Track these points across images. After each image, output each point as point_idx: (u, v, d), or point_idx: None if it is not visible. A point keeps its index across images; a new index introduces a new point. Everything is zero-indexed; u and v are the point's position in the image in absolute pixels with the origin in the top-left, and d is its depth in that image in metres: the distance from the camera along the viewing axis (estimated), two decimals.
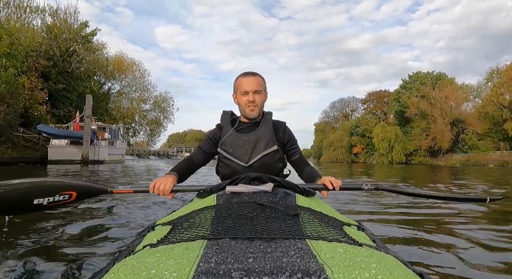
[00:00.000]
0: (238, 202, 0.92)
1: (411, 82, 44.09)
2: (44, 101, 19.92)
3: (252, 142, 1.38)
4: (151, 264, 0.54)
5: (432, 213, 2.89)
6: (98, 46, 28.73)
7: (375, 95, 52.40)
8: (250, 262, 0.53)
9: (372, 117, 50.29)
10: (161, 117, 36.24)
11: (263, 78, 1.44)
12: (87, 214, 2.51)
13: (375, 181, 6.66)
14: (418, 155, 39.45)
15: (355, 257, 0.56)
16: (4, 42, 13.18)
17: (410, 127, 41.33)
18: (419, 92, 40.85)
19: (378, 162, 39.57)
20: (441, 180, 8.16)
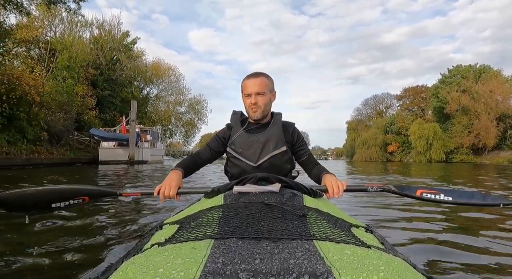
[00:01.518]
0: (245, 202, 0.92)
1: (451, 77, 41.70)
2: (93, 107, 21.85)
3: (261, 142, 1.39)
4: (159, 263, 0.54)
5: (444, 213, 2.87)
6: (138, 53, 30.76)
7: (412, 91, 50.23)
8: (257, 263, 0.53)
9: (409, 114, 48.30)
10: (195, 119, 37.84)
11: (269, 78, 1.43)
12: (97, 213, 2.57)
13: (387, 182, 6.77)
14: (460, 153, 37.30)
15: (363, 259, 0.56)
16: (64, 56, 14.81)
17: (451, 124, 39.16)
18: (460, 86, 38.57)
19: (416, 161, 38.01)
20: (482, 179, 8.02)
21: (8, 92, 10.66)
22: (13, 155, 10.64)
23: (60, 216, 2.39)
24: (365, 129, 54.45)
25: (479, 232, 2.17)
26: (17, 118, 11.58)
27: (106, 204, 2.99)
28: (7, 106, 10.83)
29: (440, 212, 2.97)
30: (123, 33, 28.62)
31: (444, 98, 39.40)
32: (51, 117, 14.87)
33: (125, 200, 3.06)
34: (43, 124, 13.17)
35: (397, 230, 2.22)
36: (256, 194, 0.99)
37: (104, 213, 2.59)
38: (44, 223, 2.19)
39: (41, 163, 11.74)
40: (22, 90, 10.98)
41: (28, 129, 12.24)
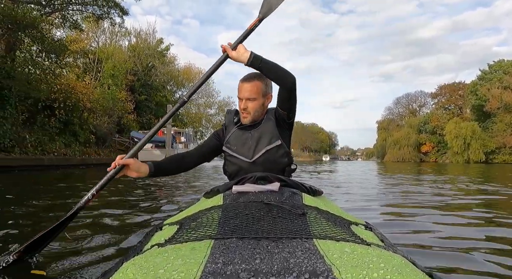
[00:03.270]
0: (244, 201, 0.92)
1: (492, 72, 39.30)
2: (132, 111, 23.38)
3: (255, 138, 1.38)
4: (159, 264, 0.54)
5: (445, 210, 2.84)
6: (170, 59, 32.38)
7: (448, 88, 47.93)
8: (257, 263, 0.53)
9: (444, 113, 46.19)
10: None
11: (264, 82, 1.40)
12: (95, 213, 2.54)
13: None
14: (502, 153, 35.11)
15: (363, 257, 0.55)
16: (109, 65, 16.22)
17: (491, 122, 36.97)
18: (501, 82, 36.30)
19: (452, 161, 36.30)
20: None
21: (65, 100, 11.98)
22: (70, 156, 11.93)
23: (57, 217, 2.38)
24: (397, 129, 52.73)
25: (480, 228, 2.17)
26: (71, 123, 12.95)
27: (104, 202, 2.97)
28: (64, 112, 12.16)
29: (440, 208, 2.99)
30: (158, 40, 30.28)
31: (483, 96, 37.26)
32: (97, 121, 16.32)
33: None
34: (92, 128, 14.52)
35: (397, 227, 2.21)
36: (256, 193, 1.00)
37: (103, 214, 2.55)
38: (36, 224, 2.17)
39: (92, 163, 13.01)
40: (76, 98, 12.27)
41: (80, 133, 13.60)
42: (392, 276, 0.49)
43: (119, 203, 3.23)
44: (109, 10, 13.04)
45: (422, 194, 4.27)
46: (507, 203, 3.51)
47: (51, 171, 9.44)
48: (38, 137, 10.86)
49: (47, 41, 9.34)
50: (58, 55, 10.51)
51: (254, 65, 1.27)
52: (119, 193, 3.99)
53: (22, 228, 2.14)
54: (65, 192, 4.49)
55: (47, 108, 11.79)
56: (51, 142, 11.47)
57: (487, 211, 2.91)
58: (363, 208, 3.10)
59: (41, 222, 2.29)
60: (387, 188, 5.34)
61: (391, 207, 3.28)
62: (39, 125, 11.41)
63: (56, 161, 10.81)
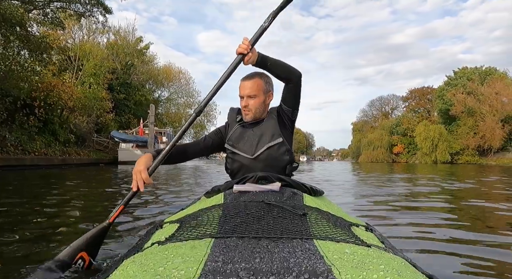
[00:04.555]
0: (245, 201, 0.92)
1: (457, 79, 42.14)
2: (110, 110, 22.90)
3: (257, 135, 1.38)
4: (159, 262, 0.54)
5: (446, 211, 2.87)
6: (150, 58, 31.95)
7: (418, 92, 50.59)
8: (257, 262, 0.53)
9: (414, 116, 48.72)
10: (205, 120, 38.85)
11: (265, 79, 1.41)
12: (97, 212, 2.52)
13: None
14: (466, 154, 37.73)
15: (363, 258, 0.56)
16: (90, 63, 15.91)
17: (456, 125, 39.62)
18: (465, 88, 39.03)
19: (421, 162, 38.48)
20: (487, 180, 8.72)
21: (45, 99, 11.71)
22: (50, 156, 11.67)
23: (61, 216, 2.40)
24: (371, 131, 54.93)
25: (482, 230, 2.16)
26: (51, 122, 12.64)
27: (105, 203, 2.92)
28: (43, 111, 11.87)
29: (442, 210, 3.01)
30: (137, 39, 29.78)
31: (449, 100, 39.88)
32: (75, 120, 15.95)
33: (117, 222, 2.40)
34: (73, 127, 14.22)
35: (397, 228, 2.21)
36: (256, 193, 1.00)
37: (104, 212, 2.53)
38: (46, 224, 2.15)
39: (73, 163, 12.76)
40: (57, 96, 12.02)
41: (60, 132, 13.30)
42: (392, 277, 0.49)
43: (118, 202, 3.29)
44: (92, 8, 12.87)
45: (405, 194, 4.55)
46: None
47: (37, 170, 9.27)
48: (18, 136, 10.58)
49: (33, 39, 9.16)
50: (42, 53, 10.29)
51: (262, 66, 1.30)
52: (116, 191, 4.13)
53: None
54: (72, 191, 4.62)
55: (26, 107, 11.48)
56: (31, 141, 11.18)
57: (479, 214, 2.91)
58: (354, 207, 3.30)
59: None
60: (372, 188, 5.74)
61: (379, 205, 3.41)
62: (17, 124, 11.08)
63: (37, 160, 10.58)
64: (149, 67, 31.39)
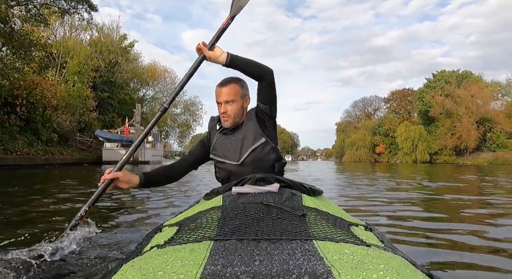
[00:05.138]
0: (244, 202, 0.92)
1: (435, 81, 43.81)
2: (94, 108, 22.43)
3: (239, 140, 1.38)
4: (158, 266, 0.55)
5: (445, 210, 2.89)
6: (135, 56, 31.42)
7: (399, 94, 52.11)
8: (257, 265, 0.54)
9: (395, 117, 50.20)
10: (190, 120, 38.67)
11: (241, 84, 1.41)
12: (95, 216, 2.45)
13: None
14: (444, 154, 39.29)
15: (363, 258, 0.56)
16: (74, 61, 15.56)
17: (435, 126, 41.16)
18: (443, 91, 40.65)
19: (402, 161, 39.76)
20: (462, 178, 9.23)
21: (27, 97, 11.40)
22: (33, 155, 11.38)
23: (59, 220, 2.37)
24: (354, 131, 56.13)
25: (481, 230, 2.18)
26: (33, 121, 12.31)
27: (104, 207, 2.96)
28: (25, 110, 11.56)
29: (441, 209, 3.02)
30: (121, 36, 29.23)
31: (428, 102, 41.41)
32: (57, 119, 15.55)
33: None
34: (56, 126, 13.89)
35: (397, 227, 2.21)
36: (255, 194, 1.00)
37: (103, 216, 2.53)
38: (43, 228, 2.10)
39: (56, 163, 12.48)
40: (40, 95, 11.73)
41: (42, 131, 12.97)
42: (391, 276, 0.49)
43: (117, 206, 3.23)
44: (77, 5, 12.63)
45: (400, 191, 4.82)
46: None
47: (20, 170, 9.04)
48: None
49: (16, 36, 8.90)
50: (26, 51, 10.02)
51: (232, 66, 1.32)
52: (115, 196, 4.02)
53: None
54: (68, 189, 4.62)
55: (7, 105, 11.15)
56: (12, 141, 10.87)
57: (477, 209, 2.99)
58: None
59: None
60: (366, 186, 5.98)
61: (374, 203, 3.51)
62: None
63: (20, 160, 10.30)
64: (134, 66, 30.89)
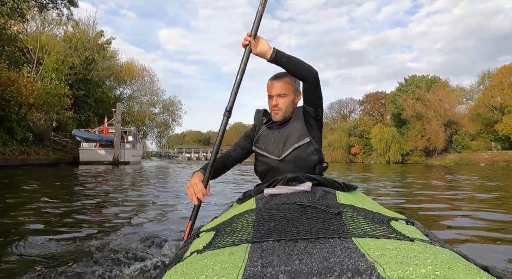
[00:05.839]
0: (277, 204, 0.92)
1: (407, 85, 46.10)
2: (69, 107, 21.54)
3: (283, 136, 1.38)
4: (200, 270, 0.56)
5: (493, 204, 2.75)
6: (112, 53, 30.45)
7: (373, 97, 54.11)
8: (297, 264, 0.53)
9: (370, 119, 52.13)
10: (170, 120, 38.04)
11: (293, 78, 1.42)
12: (134, 225, 2.49)
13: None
14: (414, 155, 41.40)
15: (407, 253, 0.53)
16: (51, 58, 14.91)
17: (406, 128, 43.27)
18: (414, 94, 42.88)
19: (376, 162, 41.41)
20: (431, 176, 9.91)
21: (1, 94, 10.84)
22: (8, 156, 10.83)
23: (91, 224, 2.45)
24: (331, 132, 57.57)
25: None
26: (7, 119, 11.71)
27: (142, 217, 2.95)
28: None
29: (489, 201, 2.89)
30: (97, 33, 28.26)
31: (401, 105, 43.49)
32: (32, 117, 14.84)
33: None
34: (32, 125, 13.28)
35: (442, 222, 2.05)
36: (288, 194, 1.00)
37: (142, 225, 2.56)
38: (83, 238, 2.12)
39: (33, 164, 11.94)
40: (17, 92, 11.19)
41: (17, 130, 12.36)
42: (442, 271, 0.47)
43: (153, 212, 3.20)
44: (56, 0, 12.19)
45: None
46: None
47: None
48: None
49: None
50: (4, 46, 9.53)
51: (276, 62, 1.29)
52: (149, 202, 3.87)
53: None
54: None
55: None
56: None
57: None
58: None
59: None
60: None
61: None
62: None
63: None
64: (111, 63, 29.93)
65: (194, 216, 1.24)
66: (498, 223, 2.45)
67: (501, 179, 9.01)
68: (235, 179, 7.39)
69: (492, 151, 36.87)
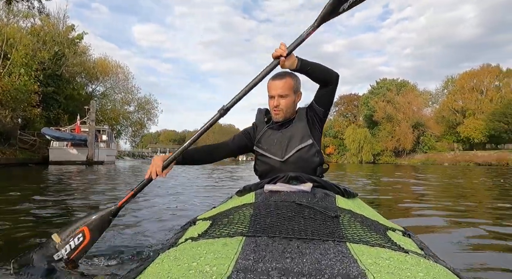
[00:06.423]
0: (276, 201, 0.92)
1: (379, 88, 48.16)
2: (37, 104, 20.41)
3: (286, 137, 1.38)
4: (192, 257, 0.56)
5: (492, 219, 2.72)
6: (83, 49, 29.15)
7: (346, 99, 55.80)
8: (288, 262, 0.53)
9: (344, 120, 53.83)
10: (145, 118, 37.02)
11: (295, 79, 1.40)
12: (134, 209, 2.61)
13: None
14: (385, 155, 43.36)
15: (400, 265, 0.53)
16: (20, 52, 14.08)
17: (378, 129, 45.19)
18: (385, 97, 44.89)
19: (349, 162, 42.90)
20: (399, 174, 10.52)
21: None
22: None
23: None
24: None
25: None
26: None
27: (142, 200, 3.05)
28: None
29: (489, 217, 2.86)
30: (68, 27, 26.99)
31: (373, 107, 45.36)
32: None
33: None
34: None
35: (439, 235, 2.07)
36: (287, 193, 1.00)
37: (140, 209, 2.67)
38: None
39: (1, 163, 11.25)
40: None
41: None
42: None
43: (148, 200, 3.25)
44: None
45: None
46: None
47: None
48: None
49: None
50: None
51: (302, 71, 1.28)
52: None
53: None
54: None
55: None
56: None
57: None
58: None
59: None
60: None
61: None
62: None
63: None
64: (82, 59, 28.66)
65: (138, 189, 1.25)
66: (457, 211, 3.15)
67: (459, 177, 9.77)
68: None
69: (454, 151, 39.52)
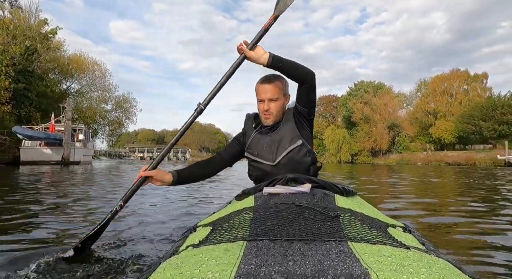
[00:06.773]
0: (276, 203, 0.91)
1: (356, 90, 49.57)
2: (7, 101, 19.34)
3: (276, 141, 1.37)
4: (194, 264, 0.56)
5: (493, 213, 2.74)
6: (57, 44, 27.89)
7: (325, 99, 56.90)
8: (291, 265, 0.53)
9: (323, 120, 54.94)
10: (123, 117, 36.00)
11: (284, 82, 1.41)
12: (131, 215, 2.58)
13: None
14: (362, 155, 44.69)
15: (402, 261, 0.54)
16: None
17: (356, 130, 46.50)
18: (363, 99, 46.28)
19: (329, 161, 43.85)
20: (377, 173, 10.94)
21: None
22: None
23: (95, 220, 2.41)
24: None
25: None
26: None
27: (139, 207, 2.99)
28: None
29: (488, 212, 2.90)
30: (40, 21, 25.74)
31: (351, 108, 46.62)
32: None
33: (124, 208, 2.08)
34: None
35: (439, 230, 2.07)
36: (287, 195, 1.00)
37: (139, 216, 2.63)
38: (72, 229, 2.14)
39: None
40: None
41: None
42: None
43: (148, 206, 3.22)
44: None
45: None
46: None
47: None
48: None
49: None
50: None
51: (274, 66, 1.28)
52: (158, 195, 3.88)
53: None
54: None
55: None
56: None
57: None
58: None
59: None
60: None
61: None
62: None
63: None
64: (56, 55, 27.43)
65: (127, 197, 1.35)
66: (429, 205, 3.55)
67: (429, 175, 10.32)
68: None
69: (427, 151, 41.39)
